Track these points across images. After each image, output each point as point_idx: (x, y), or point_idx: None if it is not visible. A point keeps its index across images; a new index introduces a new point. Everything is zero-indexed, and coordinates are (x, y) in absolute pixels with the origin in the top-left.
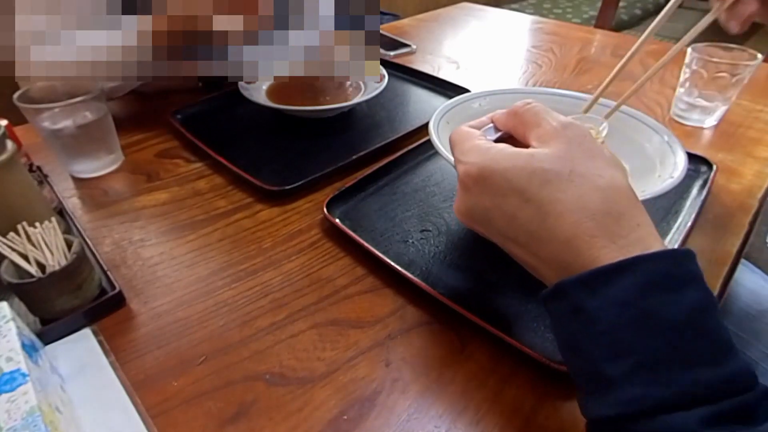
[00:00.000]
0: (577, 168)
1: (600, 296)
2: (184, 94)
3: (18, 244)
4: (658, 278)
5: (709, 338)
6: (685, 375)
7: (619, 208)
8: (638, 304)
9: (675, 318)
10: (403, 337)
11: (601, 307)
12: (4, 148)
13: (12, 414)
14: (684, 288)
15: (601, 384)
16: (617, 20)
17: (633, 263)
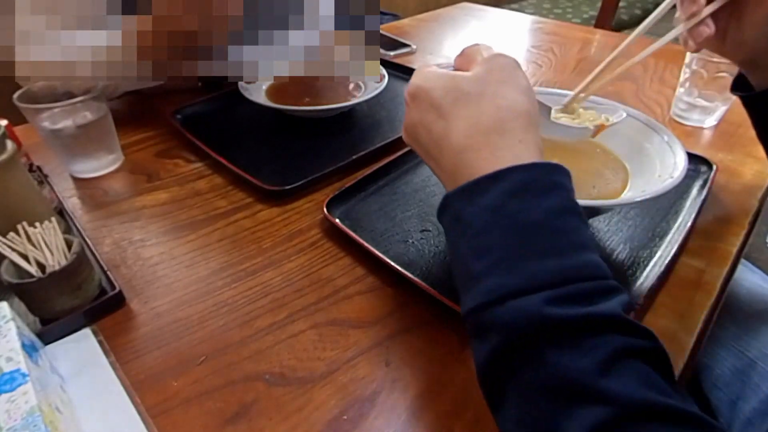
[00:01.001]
0: (487, 90)
1: (475, 204)
2: (184, 94)
3: (18, 244)
4: (524, 185)
5: (561, 236)
6: (534, 265)
7: (507, 127)
8: (504, 208)
9: (533, 219)
10: (403, 337)
11: (474, 213)
12: (4, 148)
13: (12, 414)
14: (546, 194)
15: (470, 280)
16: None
17: (505, 173)
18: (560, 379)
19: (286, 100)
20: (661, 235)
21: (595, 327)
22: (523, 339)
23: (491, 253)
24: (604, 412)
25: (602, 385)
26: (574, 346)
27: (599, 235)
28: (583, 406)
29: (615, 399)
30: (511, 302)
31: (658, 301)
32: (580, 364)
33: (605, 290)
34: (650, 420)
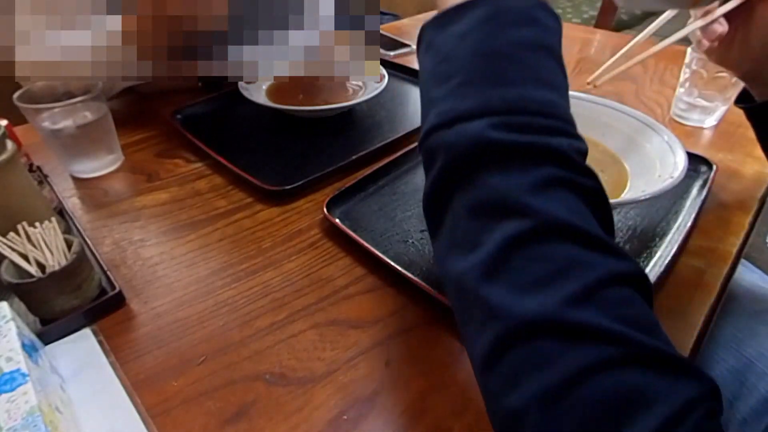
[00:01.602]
0: None
1: (446, 31)
2: (183, 94)
3: (18, 244)
4: (499, 14)
5: (526, 69)
6: (489, 92)
7: None
8: (473, 34)
9: (500, 47)
10: (403, 337)
11: (443, 40)
12: (4, 148)
13: (12, 414)
14: (520, 26)
15: (428, 108)
16: (617, 20)
17: (476, 3)
18: (490, 197)
19: (286, 100)
20: (661, 235)
21: (534, 156)
22: (464, 160)
23: (451, 79)
24: (523, 224)
25: (527, 200)
26: (508, 170)
27: None
28: (506, 220)
29: (536, 214)
30: (459, 125)
31: (658, 301)
32: (511, 183)
33: (557, 130)
34: (567, 239)
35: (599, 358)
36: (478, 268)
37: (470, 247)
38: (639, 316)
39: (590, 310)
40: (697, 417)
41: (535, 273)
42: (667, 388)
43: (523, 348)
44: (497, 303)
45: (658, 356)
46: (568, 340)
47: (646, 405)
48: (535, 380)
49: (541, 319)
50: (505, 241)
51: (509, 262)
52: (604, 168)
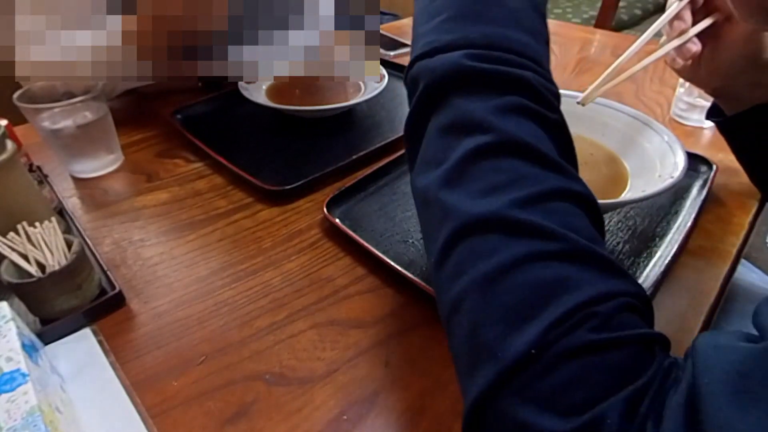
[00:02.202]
0: None
1: None
2: (183, 94)
3: (18, 244)
4: None
5: (511, 13)
6: (470, 28)
7: None
8: None
9: None
10: (403, 337)
11: None
12: (4, 148)
13: (12, 414)
14: None
15: (416, 42)
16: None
17: None
18: (458, 117)
19: (286, 100)
20: (661, 235)
21: (504, 84)
22: (440, 85)
23: (439, 15)
24: (483, 139)
25: (490, 119)
26: (479, 94)
27: None
28: (469, 136)
29: (496, 131)
30: (440, 55)
31: (658, 301)
32: (478, 106)
33: (529, 67)
34: (522, 155)
35: (535, 249)
36: (439, 178)
37: (437, 163)
38: (579, 226)
39: (534, 213)
40: (617, 304)
41: (490, 181)
42: (593, 279)
43: (470, 242)
44: (452, 205)
45: (591, 255)
46: (511, 235)
47: (571, 289)
48: (475, 268)
49: (488, 216)
50: (465, 154)
51: (467, 172)
52: (604, 168)
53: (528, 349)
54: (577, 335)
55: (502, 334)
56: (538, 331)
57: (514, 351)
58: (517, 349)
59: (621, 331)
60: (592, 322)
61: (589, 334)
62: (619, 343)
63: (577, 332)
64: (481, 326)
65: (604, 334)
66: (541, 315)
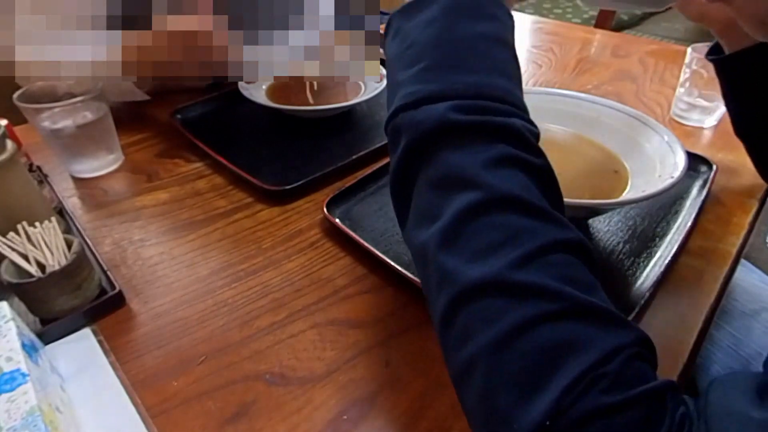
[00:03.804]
0: None
1: (413, 19)
2: (183, 94)
3: (18, 244)
4: (463, 7)
5: (486, 59)
6: (452, 77)
7: None
8: (438, 22)
9: (464, 37)
10: (402, 337)
11: (411, 27)
12: (4, 148)
13: (12, 414)
14: (482, 20)
15: (395, 90)
16: (617, 20)
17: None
18: (449, 172)
19: (286, 100)
20: (661, 235)
21: (490, 134)
22: (427, 139)
23: (417, 63)
24: (476, 196)
25: (480, 175)
26: (466, 147)
27: (599, 235)
28: (462, 193)
29: (487, 187)
30: (424, 106)
31: (658, 301)
32: (467, 160)
33: (512, 113)
34: (514, 210)
35: (539, 312)
36: (436, 237)
37: (431, 219)
38: (578, 277)
39: (533, 272)
40: (624, 358)
41: (485, 241)
42: (598, 336)
43: (473, 307)
44: (451, 269)
45: (592, 310)
46: (512, 298)
47: (578, 350)
48: (483, 334)
49: (488, 280)
50: (460, 213)
51: (462, 232)
52: (604, 168)
53: (543, 420)
54: (589, 399)
55: (515, 402)
56: (551, 400)
57: (530, 422)
58: (533, 420)
59: (632, 387)
60: (602, 384)
61: (602, 397)
62: (631, 403)
63: (589, 396)
64: (493, 393)
65: (616, 395)
66: (552, 382)
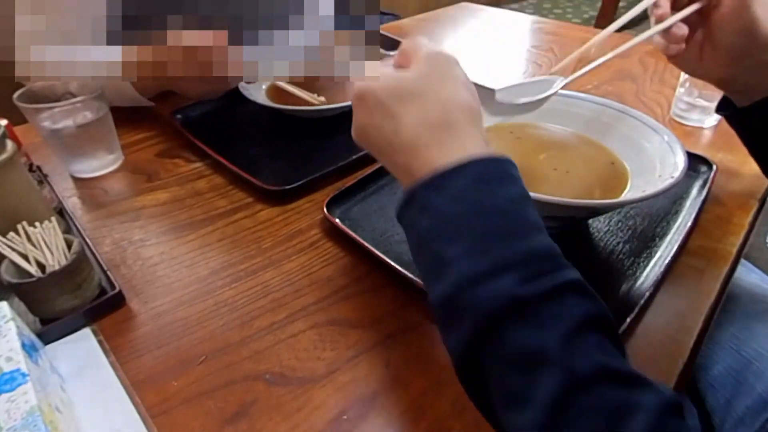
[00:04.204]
0: (430, 87)
1: (441, 194)
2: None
3: (18, 244)
4: (484, 176)
5: (523, 220)
6: (503, 248)
7: (453, 120)
8: (470, 196)
9: (497, 205)
10: (403, 337)
11: (441, 202)
12: (4, 148)
13: (12, 414)
14: (505, 184)
15: (441, 267)
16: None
17: (466, 165)
18: (527, 352)
19: (286, 100)
20: (661, 235)
21: (556, 297)
22: (497, 320)
23: (462, 239)
24: (563, 377)
25: (562, 353)
26: (538, 321)
27: (599, 235)
28: (547, 374)
29: (572, 366)
30: (485, 284)
31: (658, 301)
32: (544, 336)
33: (563, 267)
34: (605, 384)
35: None
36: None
37: (520, 403)
38: None
39: None
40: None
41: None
42: None
43: None
44: None
45: None
46: None
47: None
48: None
49: None
50: (552, 400)
51: (561, 421)
52: (604, 168)
53: None
54: None
55: None
56: None
57: None
58: None
59: None
60: None
61: None
62: None
63: None
64: None
65: None
66: None
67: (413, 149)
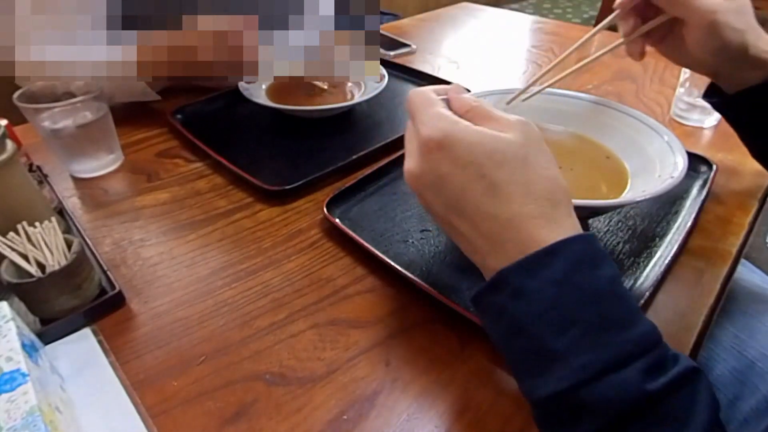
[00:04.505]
0: (530, 158)
1: (538, 278)
2: (184, 94)
3: (18, 244)
4: (581, 258)
5: (626, 303)
6: (618, 336)
7: (557, 198)
8: (570, 281)
9: (599, 289)
10: (403, 337)
11: (539, 287)
12: (4, 148)
13: (12, 414)
14: (601, 265)
15: (548, 360)
16: None
17: (561, 246)
18: None
19: (286, 100)
20: (661, 235)
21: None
22: (625, 418)
23: (572, 328)
24: None
25: None
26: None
27: (599, 235)
28: None
29: None
30: (607, 377)
31: (659, 300)
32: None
33: (669, 347)
34: None
35: None
36: None
37: None
38: None
39: None
40: None
41: None
42: None
43: None
44: None
45: None
46: None
47: None
48: None
49: None
50: None
51: None
52: (604, 168)
53: None
54: None
55: None
56: None
57: None
58: None
59: None
60: None
61: None
62: None
63: None
64: None
65: None
66: None
67: (513, 219)
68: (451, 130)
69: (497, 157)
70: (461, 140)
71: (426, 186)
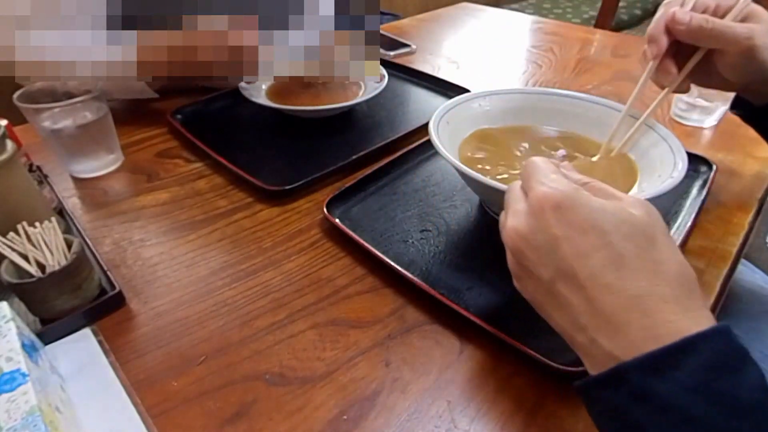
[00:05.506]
0: (659, 238)
1: (669, 380)
2: (184, 94)
3: (18, 244)
4: (720, 359)
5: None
6: None
7: (691, 286)
8: (710, 387)
9: (747, 399)
10: (403, 337)
11: (671, 392)
12: (4, 148)
13: (12, 414)
14: (743, 368)
15: None
16: (617, 20)
17: (695, 343)
18: None
19: (286, 100)
20: None
21: None
22: None
23: None
24: None
25: None
26: None
27: None
28: None
29: None
30: None
31: None
32: None
33: None
34: None
35: None
36: None
37: None
38: None
39: None
40: None
41: None
42: None
43: None
44: None
45: None
46: None
47: None
48: None
49: None
50: None
51: None
52: (616, 167)
53: None
54: None
55: None
56: None
57: None
58: None
59: None
60: None
61: None
62: None
63: None
64: None
65: None
66: None
67: (641, 297)
68: (572, 193)
69: (624, 228)
70: (583, 205)
71: (534, 247)
